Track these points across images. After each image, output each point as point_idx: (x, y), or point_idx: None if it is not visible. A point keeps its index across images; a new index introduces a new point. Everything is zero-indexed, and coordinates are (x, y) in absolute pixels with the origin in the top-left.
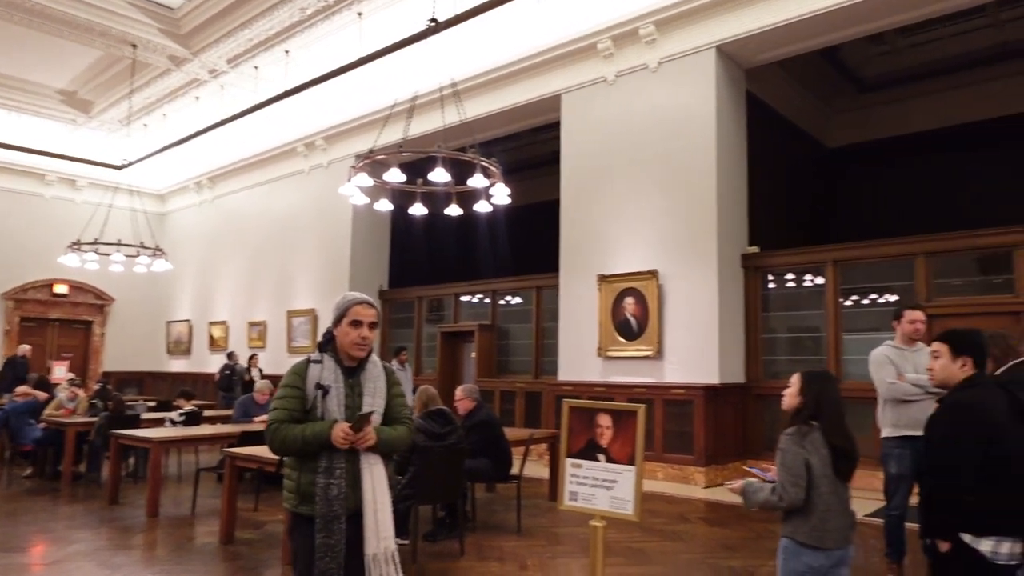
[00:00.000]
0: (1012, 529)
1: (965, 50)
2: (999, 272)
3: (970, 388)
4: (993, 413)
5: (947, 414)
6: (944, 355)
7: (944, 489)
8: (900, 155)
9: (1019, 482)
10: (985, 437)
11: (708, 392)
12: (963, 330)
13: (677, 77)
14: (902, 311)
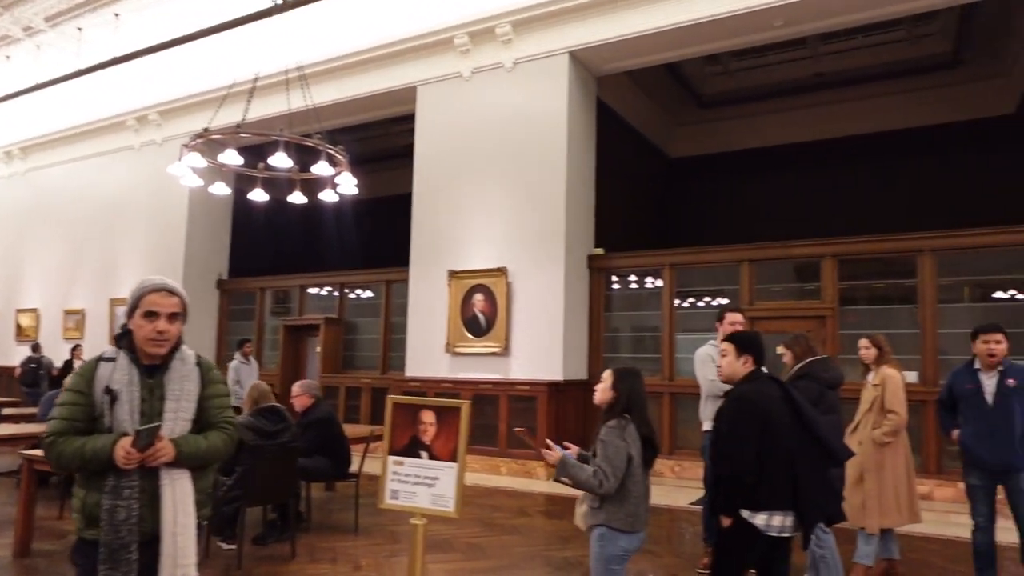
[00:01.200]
0: (782, 504)
1: (789, 77)
2: (811, 280)
3: (749, 382)
4: (767, 404)
5: (731, 406)
6: (730, 354)
7: (728, 471)
8: (733, 169)
9: (787, 464)
10: (759, 425)
11: (552, 388)
12: (746, 332)
13: (532, 78)
14: (724, 313)
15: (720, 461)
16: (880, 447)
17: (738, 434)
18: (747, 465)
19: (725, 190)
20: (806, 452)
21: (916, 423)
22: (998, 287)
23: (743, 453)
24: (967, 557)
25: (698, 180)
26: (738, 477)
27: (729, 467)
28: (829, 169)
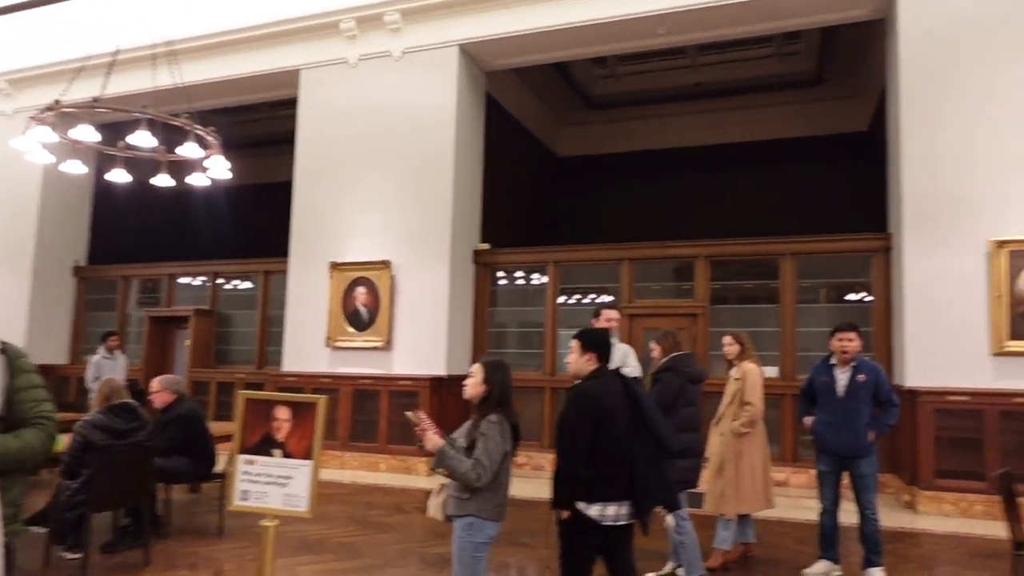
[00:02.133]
0: (616, 495)
1: (671, 84)
2: (687, 279)
3: (591, 380)
4: (607, 401)
5: (570, 402)
6: (576, 350)
7: (566, 464)
8: (618, 170)
9: (623, 457)
10: (596, 421)
11: (434, 383)
12: (592, 329)
13: (420, 69)
14: (600, 310)
15: (559, 455)
16: (739, 438)
17: (573, 430)
18: (581, 460)
19: (610, 190)
20: (642, 445)
21: (775, 415)
22: (850, 289)
23: (577, 448)
24: (815, 538)
25: (585, 179)
26: (573, 471)
27: (564, 462)
28: (706, 174)
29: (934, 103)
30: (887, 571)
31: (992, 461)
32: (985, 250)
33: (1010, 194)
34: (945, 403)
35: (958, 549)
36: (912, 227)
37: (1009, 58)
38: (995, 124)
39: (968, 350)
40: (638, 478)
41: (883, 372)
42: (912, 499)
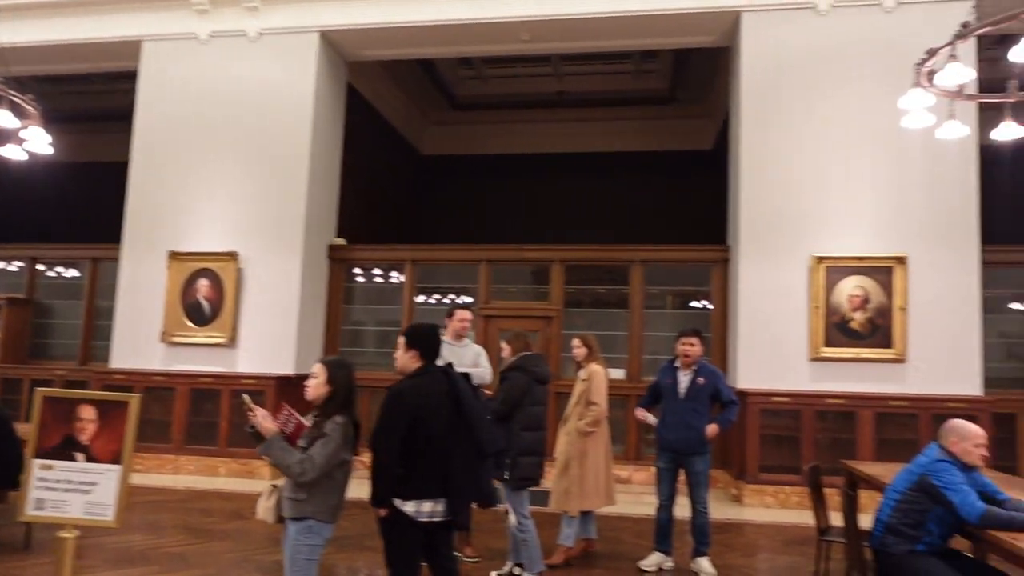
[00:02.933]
0: (432, 492)
1: (535, 91)
2: (543, 283)
3: (414, 378)
4: (425, 399)
5: (385, 401)
6: (401, 347)
7: (380, 463)
8: (481, 171)
9: (438, 456)
10: (412, 420)
11: (281, 382)
12: (419, 325)
13: (278, 53)
14: (453, 310)
15: (374, 453)
16: (584, 437)
17: (387, 429)
18: (394, 458)
19: (472, 191)
20: (460, 445)
21: (620, 415)
22: (694, 297)
23: (390, 448)
24: (652, 532)
25: (448, 179)
26: (387, 469)
27: (378, 460)
28: (565, 181)
29: (769, 128)
30: (713, 559)
31: (808, 456)
32: (807, 265)
33: (830, 215)
34: (769, 404)
35: (776, 537)
36: (747, 241)
37: (834, 91)
38: (820, 151)
39: (790, 355)
40: (452, 476)
41: (722, 376)
42: (739, 493)
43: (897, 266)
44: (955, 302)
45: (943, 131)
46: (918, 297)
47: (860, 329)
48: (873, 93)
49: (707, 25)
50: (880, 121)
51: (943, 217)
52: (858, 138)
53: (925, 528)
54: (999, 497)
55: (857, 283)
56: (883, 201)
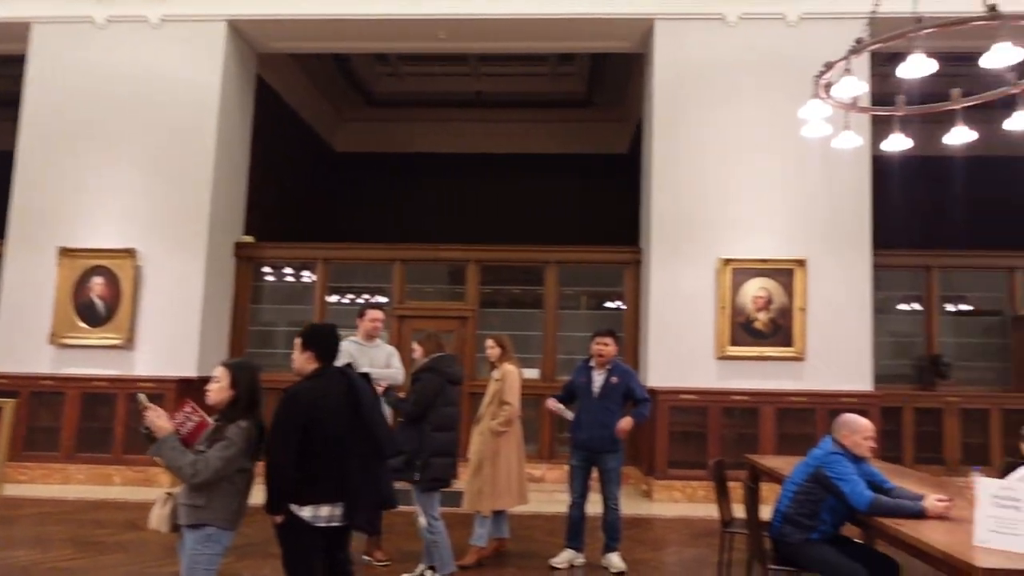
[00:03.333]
0: (329, 496)
1: (453, 90)
2: (460, 283)
3: (311, 379)
4: (321, 401)
5: (281, 403)
6: (297, 348)
7: (275, 468)
8: (397, 170)
9: (336, 459)
10: (307, 423)
11: (183, 385)
12: (315, 326)
13: (182, 42)
14: (365, 310)
15: (268, 458)
16: (497, 436)
17: (282, 432)
18: (290, 463)
19: (388, 190)
20: (358, 446)
21: (534, 415)
22: (607, 297)
23: (285, 452)
24: (564, 530)
25: (363, 177)
26: (282, 474)
27: (273, 464)
28: (483, 181)
29: (679, 134)
30: (623, 554)
31: (714, 452)
32: (714, 267)
33: (736, 219)
34: (678, 401)
35: (683, 530)
36: (658, 244)
37: (741, 100)
38: (727, 157)
39: (698, 354)
40: (350, 479)
41: (635, 375)
42: (649, 488)
43: (797, 269)
44: (849, 303)
45: (838, 141)
46: (816, 298)
47: (763, 329)
48: (777, 103)
49: (622, 31)
50: (783, 130)
51: (839, 222)
52: (763, 146)
53: (819, 517)
54: (886, 486)
55: (761, 285)
56: (785, 206)
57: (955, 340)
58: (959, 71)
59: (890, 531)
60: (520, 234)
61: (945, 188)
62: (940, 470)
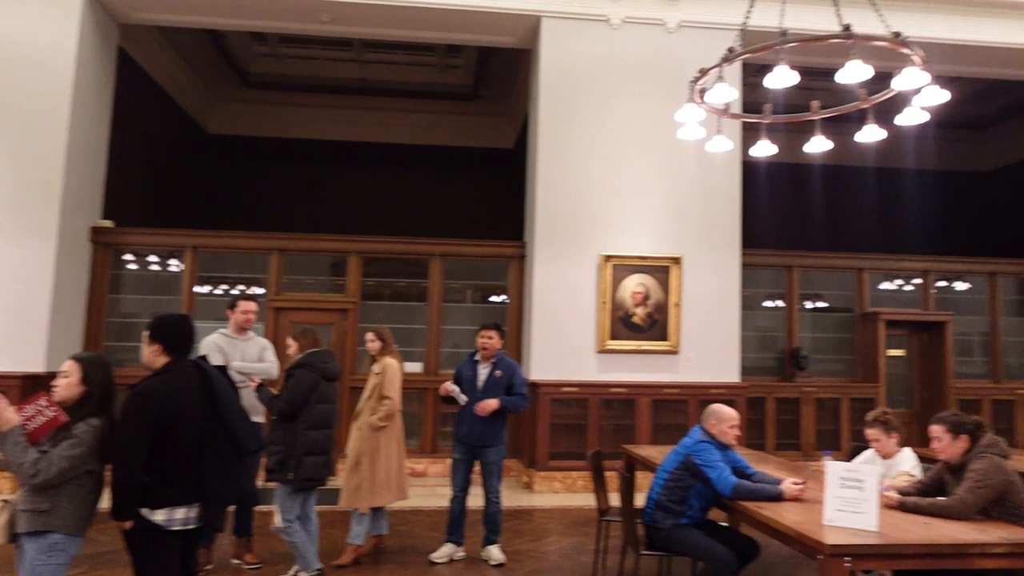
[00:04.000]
0: (185, 498)
1: (336, 75)
2: (342, 275)
3: (160, 375)
4: (172, 397)
5: (128, 401)
6: (145, 341)
7: (122, 470)
8: (276, 155)
9: (191, 458)
10: (153, 423)
11: (28, 381)
12: (163, 316)
13: (33, 6)
14: (237, 301)
15: (114, 460)
16: (376, 432)
17: (128, 436)
18: (138, 466)
19: (265, 176)
20: (215, 444)
21: (417, 408)
22: (493, 291)
23: (133, 455)
24: (445, 524)
25: (238, 161)
26: (130, 479)
27: (120, 468)
28: (366, 171)
29: (564, 131)
30: (503, 546)
31: (593, 443)
32: (596, 263)
33: (617, 217)
34: (560, 394)
35: (562, 520)
36: (541, 239)
37: (623, 101)
38: (609, 156)
39: (579, 348)
40: (208, 479)
41: (519, 368)
42: (530, 480)
43: (673, 266)
44: (720, 300)
45: (711, 145)
46: (690, 294)
47: (641, 323)
48: (657, 105)
49: (508, 26)
50: (662, 132)
51: (712, 223)
52: (644, 147)
53: (688, 503)
54: (748, 472)
55: (640, 281)
56: (663, 206)
57: (812, 335)
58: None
59: (751, 514)
60: (405, 226)
61: (806, 193)
62: (797, 455)
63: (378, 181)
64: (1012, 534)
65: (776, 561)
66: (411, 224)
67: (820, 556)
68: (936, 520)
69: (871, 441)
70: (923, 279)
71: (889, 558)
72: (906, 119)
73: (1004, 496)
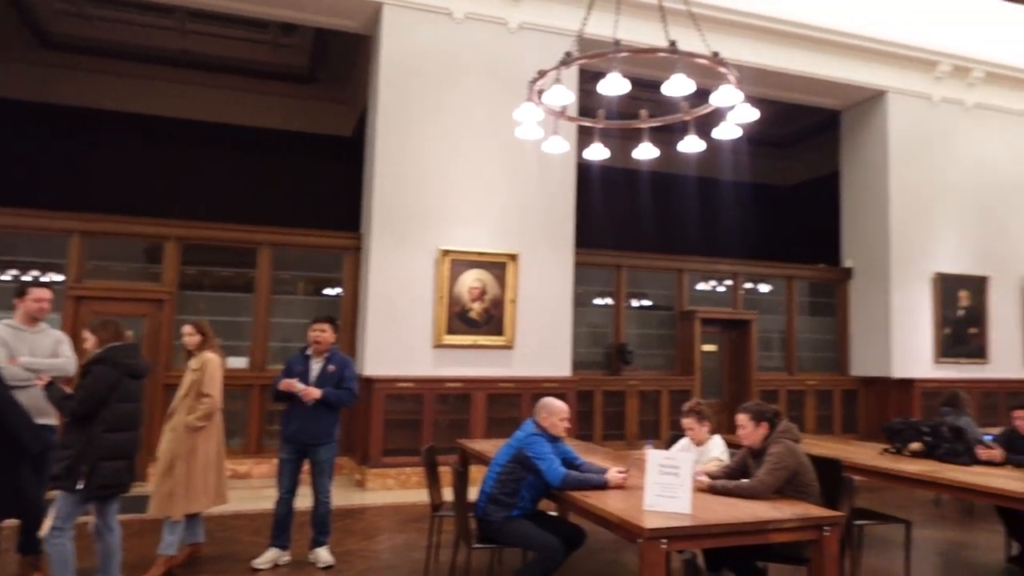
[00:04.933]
0: None
1: (154, 44)
2: (157, 262)
3: None
4: None
5: None
6: None
7: None
8: (78, 126)
9: None
10: None
11: None
12: None
13: None
14: (27, 288)
15: None
16: (193, 432)
17: None
18: None
19: (67, 149)
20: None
21: (241, 406)
22: (327, 284)
23: None
24: (270, 528)
25: (33, 130)
26: None
27: None
28: (186, 150)
29: (404, 123)
30: (333, 547)
31: (428, 438)
32: (434, 257)
33: (456, 211)
34: (395, 389)
35: (395, 517)
36: (379, 230)
37: (465, 96)
38: (450, 150)
39: (416, 343)
40: None
41: (352, 364)
42: (362, 478)
43: (510, 262)
44: (554, 296)
45: (548, 145)
46: (526, 291)
47: (478, 318)
48: (497, 103)
49: (348, 8)
50: (502, 129)
51: (549, 221)
52: (484, 143)
53: (520, 495)
54: (577, 462)
55: (477, 276)
56: (502, 202)
57: (637, 331)
58: (649, 96)
59: (578, 503)
60: (232, 212)
61: (636, 197)
62: (622, 445)
63: (202, 163)
64: (802, 511)
65: (601, 546)
66: (239, 211)
67: (640, 540)
68: (741, 501)
69: (686, 430)
70: (734, 281)
71: (700, 538)
72: (722, 133)
73: (796, 476)
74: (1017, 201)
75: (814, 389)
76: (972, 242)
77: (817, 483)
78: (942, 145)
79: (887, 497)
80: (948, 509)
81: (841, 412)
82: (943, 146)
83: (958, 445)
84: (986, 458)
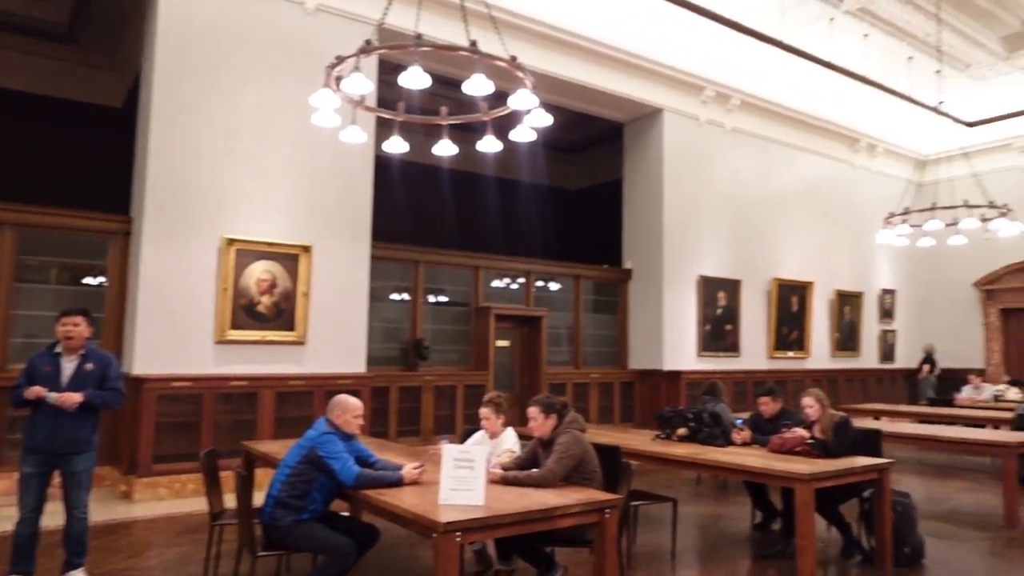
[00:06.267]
0: None
1: None
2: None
3: None
4: None
5: None
6: None
7: None
8: None
9: None
10: None
11: None
12: None
13: None
14: None
15: None
16: None
17: None
18: None
19: None
20: None
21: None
22: (88, 271)
23: None
24: (9, 553)
25: None
26: None
27: None
28: None
29: (185, 99)
30: (92, 568)
31: (208, 441)
32: (217, 246)
33: (243, 197)
34: (169, 389)
35: (167, 530)
36: (152, 215)
37: (255, 76)
38: (236, 133)
39: (195, 338)
40: None
41: (115, 362)
42: (129, 489)
43: (303, 254)
44: (349, 290)
45: (345, 134)
46: (319, 284)
47: (266, 312)
48: (291, 85)
49: None
50: (297, 115)
51: (345, 213)
52: (276, 128)
53: (311, 497)
54: (371, 460)
55: (266, 268)
56: (295, 192)
57: (433, 327)
58: (450, 94)
59: (372, 501)
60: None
61: (436, 193)
62: (417, 440)
63: None
64: (585, 496)
65: (396, 543)
66: None
67: (434, 534)
68: (532, 490)
69: (483, 420)
70: (526, 279)
71: (493, 528)
72: (518, 135)
73: (582, 464)
74: (763, 215)
75: (597, 382)
76: (729, 249)
77: (600, 470)
78: (707, 162)
79: (657, 479)
80: (706, 486)
81: (620, 403)
82: (708, 163)
83: (715, 429)
84: (740, 441)
